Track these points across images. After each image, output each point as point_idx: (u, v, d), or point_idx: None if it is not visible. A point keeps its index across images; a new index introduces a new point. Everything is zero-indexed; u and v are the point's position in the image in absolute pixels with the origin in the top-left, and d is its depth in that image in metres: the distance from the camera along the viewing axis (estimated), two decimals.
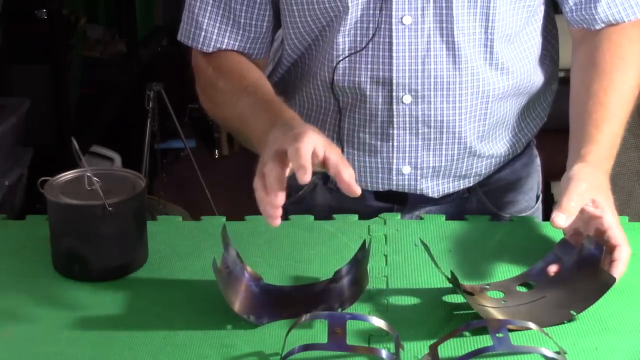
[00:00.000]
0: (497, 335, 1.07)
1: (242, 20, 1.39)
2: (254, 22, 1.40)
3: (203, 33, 1.40)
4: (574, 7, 1.40)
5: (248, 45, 1.41)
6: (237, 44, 1.40)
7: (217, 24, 1.39)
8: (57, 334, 1.13)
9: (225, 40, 1.40)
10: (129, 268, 1.25)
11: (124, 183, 1.26)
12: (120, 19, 3.80)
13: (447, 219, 1.40)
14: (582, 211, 1.20)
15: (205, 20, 1.39)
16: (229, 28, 1.39)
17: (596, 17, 1.39)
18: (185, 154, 3.71)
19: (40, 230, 1.32)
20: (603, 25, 1.40)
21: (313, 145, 1.11)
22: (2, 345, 1.11)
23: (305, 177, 1.08)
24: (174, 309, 1.18)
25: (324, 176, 1.49)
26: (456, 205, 1.48)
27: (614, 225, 1.21)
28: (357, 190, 1.10)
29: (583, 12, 1.39)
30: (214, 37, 1.40)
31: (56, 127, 2.89)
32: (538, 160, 1.58)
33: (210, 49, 1.40)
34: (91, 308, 1.18)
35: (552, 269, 1.21)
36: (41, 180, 1.24)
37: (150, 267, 1.27)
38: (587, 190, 1.21)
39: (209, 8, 1.39)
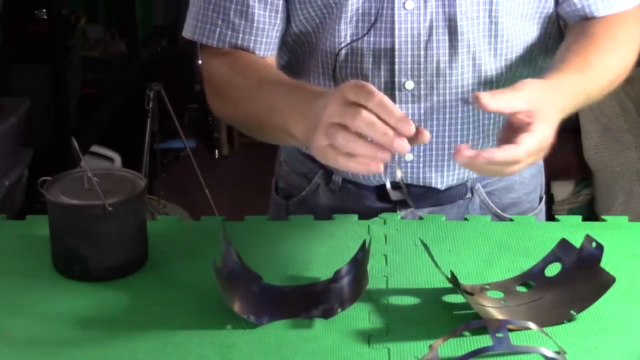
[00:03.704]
0: (497, 335, 1.07)
1: (256, 11, 1.35)
2: (267, 14, 1.36)
3: (218, 29, 1.36)
4: (561, 4, 1.39)
5: (260, 40, 1.37)
6: (252, 37, 1.36)
7: (230, 18, 1.35)
8: (57, 334, 1.13)
9: (240, 35, 1.36)
10: (129, 268, 1.25)
11: (124, 183, 1.26)
12: (120, 19, 3.81)
13: (449, 219, 1.41)
14: (513, 119, 1.14)
15: (220, 15, 1.35)
16: (242, 22, 1.36)
17: (573, 8, 1.38)
18: (185, 154, 3.72)
19: (40, 230, 1.32)
20: (581, 18, 1.39)
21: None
22: (2, 345, 1.11)
23: (411, 128, 1.05)
24: (174, 309, 1.18)
25: (325, 177, 1.49)
26: (459, 206, 1.47)
27: (535, 131, 1.12)
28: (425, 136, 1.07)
29: (564, 5, 1.38)
30: (229, 32, 1.36)
31: (56, 127, 2.89)
32: (541, 161, 1.57)
33: (227, 45, 1.36)
34: (91, 308, 1.18)
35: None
36: (41, 180, 1.24)
37: (150, 267, 1.27)
38: (527, 98, 1.14)
39: (221, 2, 1.35)
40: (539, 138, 1.13)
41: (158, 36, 4.17)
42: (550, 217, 1.45)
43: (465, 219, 1.41)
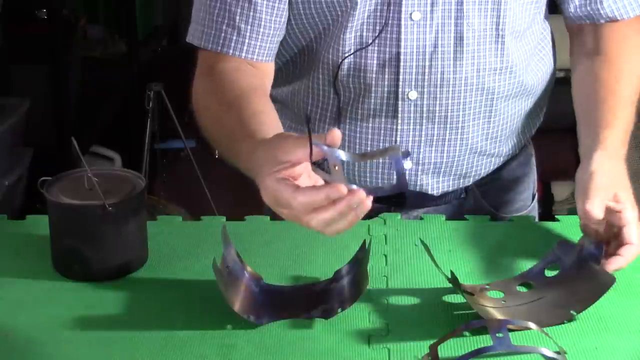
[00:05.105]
0: (497, 335, 1.07)
1: (263, 16, 1.34)
2: (273, 18, 1.35)
3: (223, 34, 1.34)
4: (578, 4, 1.40)
5: (264, 45, 1.35)
6: (257, 43, 1.35)
7: (235, 23, 1.33)
8: (57, 334, 1.13)
9: (246, 41, 1.34)
10: (129, 268, 1.25)
11: (124, 183, 1.26)
12: (120, 19, 3.80)
13: (446, 219, 1.41)
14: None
15: (225, 20, 1.33)
16: (249, 27, 1.34)
17: (601, 12, 1.40)
18: (185, 154, 3.71)
19: (40, 230, 1.32)
20: (607, 20, 1.41)
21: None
22: (2, 345, 1.11)
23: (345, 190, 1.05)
24: (174, 309, 1.18)
25: None
26: (453, 206, 1.48)
27: (631, 221, 1.20)
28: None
29: (588, 8, 1.40)
30: (234, 37, 1.33)
31: (56, 127, 2.89)
32: (534, 160, 1.58)
33: (231, 51, 1.34)
34: (91, 308, 1.18)
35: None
36: (41, 180, 1.24)
37: (150, 267, 1.27)
38: (609, 187, 1.21)
39: (226, 7, 1.33)
40: (634, 219, 1.20)
41: (158, 36, 4.16)
42: (550, 217, 1.45)
43: (465, 219, 1.41)
